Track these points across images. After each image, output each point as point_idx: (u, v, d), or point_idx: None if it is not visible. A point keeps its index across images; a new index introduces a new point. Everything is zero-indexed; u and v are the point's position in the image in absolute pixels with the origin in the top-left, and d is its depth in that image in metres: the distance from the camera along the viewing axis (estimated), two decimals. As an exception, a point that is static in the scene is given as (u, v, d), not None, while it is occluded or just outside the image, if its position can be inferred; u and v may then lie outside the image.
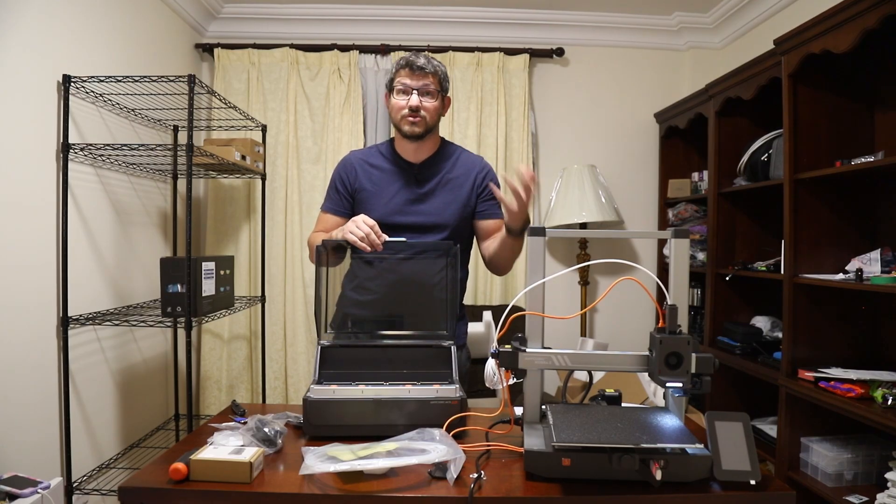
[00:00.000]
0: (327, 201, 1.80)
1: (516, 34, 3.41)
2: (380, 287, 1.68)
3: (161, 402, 2.92)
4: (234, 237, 3.28)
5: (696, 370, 1.11)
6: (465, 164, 1.78)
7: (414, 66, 1.66)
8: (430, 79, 1.68)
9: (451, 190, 1.74)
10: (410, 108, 1.66)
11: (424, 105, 1.67)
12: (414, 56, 1.68)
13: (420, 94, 1.67)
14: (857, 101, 2.19)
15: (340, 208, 1.77)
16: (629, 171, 3.50)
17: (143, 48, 2.69)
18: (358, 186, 1.75)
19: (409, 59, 1.67)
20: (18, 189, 1.95)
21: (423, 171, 1.75)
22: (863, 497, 1.91)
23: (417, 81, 1.66)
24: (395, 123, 1.72)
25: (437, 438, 1.16)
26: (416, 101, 1.66)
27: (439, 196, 1.73)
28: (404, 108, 1.67)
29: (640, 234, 2.04)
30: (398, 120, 1.69)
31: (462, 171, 1.77)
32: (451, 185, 1.75)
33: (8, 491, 1.58)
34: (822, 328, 2.16)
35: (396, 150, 1.77)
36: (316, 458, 1.08)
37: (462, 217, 1.75)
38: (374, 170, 1.76)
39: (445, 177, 1.75)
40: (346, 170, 1.78)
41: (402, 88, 1.67)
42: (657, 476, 1.02)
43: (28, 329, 1.99)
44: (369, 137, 3.35)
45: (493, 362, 1.24)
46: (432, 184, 1.74)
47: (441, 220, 1.72)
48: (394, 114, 1.70)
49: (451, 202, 1.74)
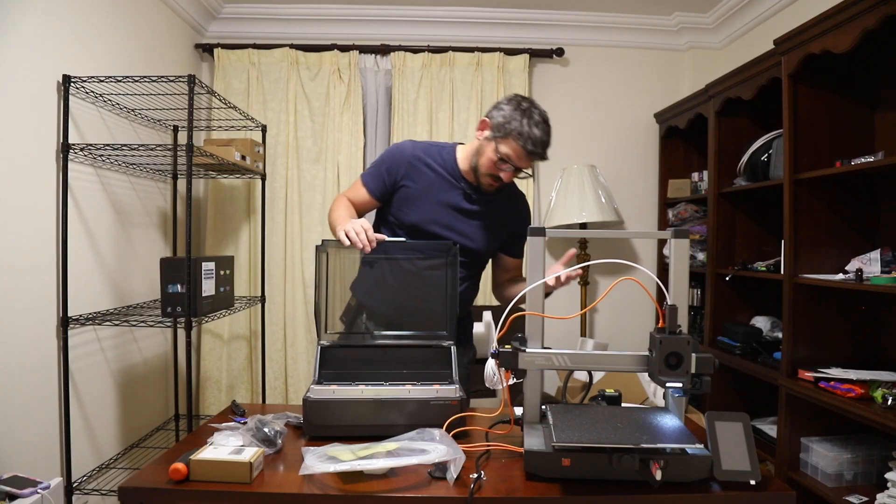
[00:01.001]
0: (369, 176, 1.75)
1: (516, 34, 3.41)
2: (380, 287, 1.68)
3: (161, 403, 2.92)
4: (234, 237, 3.28)
5: (696, 370, 1.11)
6: (514, 200, 1.79)
7: (532, 157, 1.58)
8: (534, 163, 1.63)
9: (494, 221, 1.73)
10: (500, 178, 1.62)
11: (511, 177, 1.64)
12: (536, 141, 1.55)
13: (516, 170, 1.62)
14: (857, 101, 2.19)
15: (377, 190, 1.73)
16: (629, 171, 3.50)
17: (143, 48, 2.69)
18: (403, 183, 1.71)
19: (532, 146, 1.55)
20: (18, 189, 1.94)
21: (474, 191, 1.71)
22: (863, 497, 1.91)
23: (524, 163, 1.60)
24: (477, 168, 1.65)
25: (437, 438, 1.16)
26: (508, 177, 1.63)
27: (482, 222, 1.72)
28: (495, 172, 1.61)
29: (640, 234, 2.04)
30: (483, 173, 1.64)
31: (509, 208, 1.76)
32: (496, 217, 1.73)
33: (8, 491, 1.58)
34: (822, 328, 2.16)
35: (458, 164, 1.72)
36: (316, 459, 1.08)
37: (494, 248, 1.78)
38: (427, 170, 1.71)
39: (493, 206, 1.73)
40: (396, 162, 1.72)
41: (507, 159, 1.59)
42: (657, 476, 1.02)
43: (28, 329, 1.99)
44: (369, 137, 3.35)
45: (493, 362, 1.24)
46: (479, 207, 1.71)
47: (477, 246, 1.72)
48: (483, 165, 1.63)
49: (490, 233, 1.73)
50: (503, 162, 1.59)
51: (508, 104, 1.60)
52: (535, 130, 1.56)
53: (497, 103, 1.65)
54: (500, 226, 1.75)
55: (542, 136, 1.57)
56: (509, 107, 1.59)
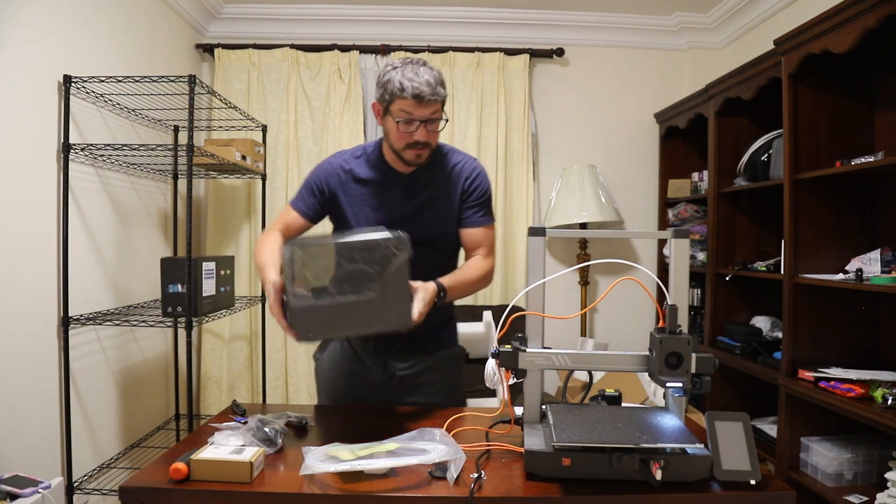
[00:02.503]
0: (298, 199, 1.60)
1: (516, 34, 3.41)
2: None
3: (161, 402, 2.92)
4: (234, 237, 3.28)
5: (696, 370, 1.11)
6: (456, 170, 1.62)
7: (422, 98, 1.43)
8: (436, 106, 1.47)
9: (443, 200, 1.59)
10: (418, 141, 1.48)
11: (430, 135, 1.49)
12: (417, 83, 1.43)
13: (426, 125, 1.47)
14: (857, 101, 2.19)
15: (309, 210, 1.59)
16: (629, 171, 3.50)
17: (143, 48, 2.69)
18: (338, 198, 1.58)
19: (414, 88, 1.43)
20: (19, 189, 1.95)
21: (412, 181, 1.57)
22: (863, 497, 1.91)
23: (424, 111, 1.45)
24: (394, 148, 1.52)
25: (437, 438, 1.16)
26: (423, 135, 1.47)
27: (432, 209, 1.58)
28: (409, 139, 1.48)
29: (640, 234, 2.05)
30: (400, 148, 1.50)
31: (453, 179, 1.61)
32: (443, 196, 1.59)
33: (9, 491, 1.58)
34: (822, 328, 2.16)
35: (385, 159, 1.58)
36: (316, 458, 1.08)
37: (457, 228, 1.62)
38: (357, 184, 1.58)
39: (436, 187, 1.59)
40: (325, 177, 1.58)
41: (405, 119, 1.46)
42: (657, 476, 1.02)
43: (29, 329, 1.99)
44: (369, 137, 3.35)
45: (494, 362, 1.24)
46: (424, 197, 1.58)
47: (436, 235, 1.60)
48: (394, 141, 1.50)
49: (442, 215, 1.59)
50: (406, 124, 1.46)
51: (382, 75, 1.49)
52: (412, 75, 1.43)
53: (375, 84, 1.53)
54: (448, 198, 1.60)
55: (423, 76, 1.44)
56: (381, 76, 1.49)
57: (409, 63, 1.47)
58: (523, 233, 3.30)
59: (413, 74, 1.44)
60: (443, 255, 1.64)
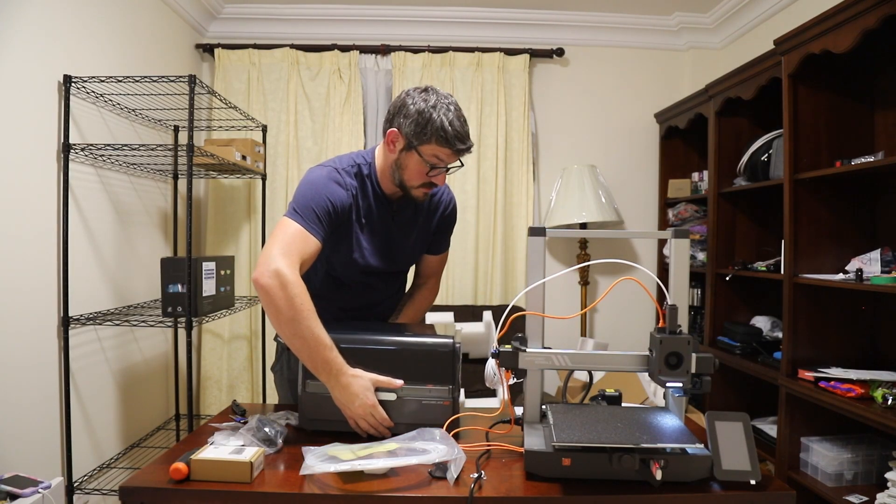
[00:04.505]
0: (316, 226, 1.36)
1: (516, 34, 3.41)
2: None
3: (161, 402, 2.92)
4: (234, 237, 3.28)
5: (696, 370, 1.11)
6: (435, 199, 1.59)
7: (461, 153, 1.40)
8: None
9: (422, 228, 1.58)
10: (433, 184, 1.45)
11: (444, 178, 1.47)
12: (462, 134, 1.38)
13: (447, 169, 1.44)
14: (857, 101, 2.19)
15: (326, 236, 1.40)
16: (629, 171, 3.50)
17: (143, 48, 2.69)
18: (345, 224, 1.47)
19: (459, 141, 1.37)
20: (19, 189, 1.95)
21: (400, 208, 1.54)
22: (863, 497, 1.91)
23: (453, 159, 1.42)
24: (405, 184, 1.45)
25: (437, 438, 1.16)
26: (442, 180, 1.44)
27: (411, 237, 1.57)
28: (426, 180, 1.43)
29: (640, 234, 2.05)
30: (413, 186, 1.44)
31: (432, 209, 1.59)
32: (424, 224, 1.58)
33: (9, 490, 1.58)
34: (822, 328, 2.16)
35: (378, 182, 1.50)
36: (316, 458, 1.08)
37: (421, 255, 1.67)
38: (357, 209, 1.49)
39: (420, 215, 1.58)
40: (341, 203, 1.43)
41: (437, 164, 1.40)
42: (657, 476, 1.02)
43: (28, 329, 1.99)
44: (369, 137, 3.35)
45: (494, 362, 1.24)
46: (407, 224, 1.56)
47: (409, 262, 1.63)
48: (409, 178, 1.43)
49: (419, 244, 1.60)
50: (433, 168, 1.40)
51: (413, 105, 1.38)
52: (455, 122, 1.37)
53: (397, 109, 1.41)
54: (426, 228, 1.60)
55: (462, 126, 1.38)
56: (414, 107, 1.37)
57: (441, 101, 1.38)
58: (523, 233, 3.30)
59: (458, 121, 1.37)
60: (401, 280, 1.70)
